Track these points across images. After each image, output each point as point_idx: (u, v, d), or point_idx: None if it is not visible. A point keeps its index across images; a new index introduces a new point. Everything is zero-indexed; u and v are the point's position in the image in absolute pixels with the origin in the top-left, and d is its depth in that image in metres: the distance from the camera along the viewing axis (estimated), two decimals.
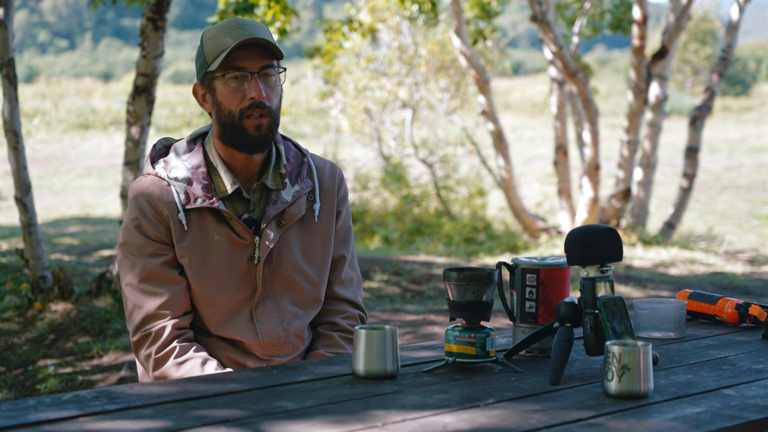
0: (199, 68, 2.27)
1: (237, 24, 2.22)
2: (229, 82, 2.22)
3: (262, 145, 2.25)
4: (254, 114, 2.22)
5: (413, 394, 1.80)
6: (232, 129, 2.24)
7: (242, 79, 2.21)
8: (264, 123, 2.23)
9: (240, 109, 2.22)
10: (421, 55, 13.78)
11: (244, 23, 2.22)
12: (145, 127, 6.06)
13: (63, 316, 5.76)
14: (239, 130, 2.23)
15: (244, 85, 2.21)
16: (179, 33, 64.18)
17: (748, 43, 46.90)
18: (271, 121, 2.24)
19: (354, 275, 2.45)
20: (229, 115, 2.23)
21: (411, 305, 6.68)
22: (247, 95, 2.21)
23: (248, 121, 2.22)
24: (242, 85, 2.21)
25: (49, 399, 1.71)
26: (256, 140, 2.23)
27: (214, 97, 2.25)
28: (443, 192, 13.54)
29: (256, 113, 2.22)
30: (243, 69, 2.21)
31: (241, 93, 2.21)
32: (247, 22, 2.23)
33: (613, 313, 1.96)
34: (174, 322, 2.22)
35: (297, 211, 2.31)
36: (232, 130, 2.24)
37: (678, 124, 21.34)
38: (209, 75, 2.24)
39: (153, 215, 2.24)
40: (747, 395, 1.82)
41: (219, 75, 2.22)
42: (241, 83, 2.21)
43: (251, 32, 2.20)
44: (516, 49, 47.55)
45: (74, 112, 24.28)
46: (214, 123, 2.29)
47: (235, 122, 2.23)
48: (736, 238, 12.48)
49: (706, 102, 10.73)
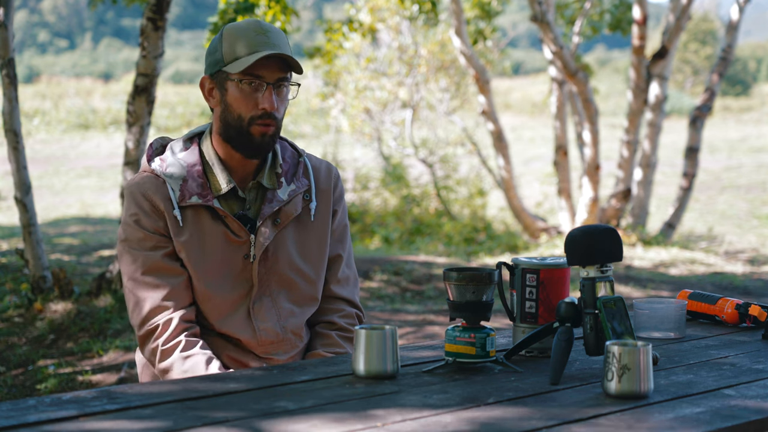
0: (212, 62, 2.27)
1: (261, 29, 2.23)
2: (243, 87, 2.22)
3: (263, 152, 2.28)
4: (262, 123, 2.23)
5: (413, 394, 1.80)
6: (237, 131, 2.25)
7: (257, 87, 2.22)
8: (270, 131, 2.25)
9: (250, 116, 2.23)
10: (421, 55, 13.77)
11: (268, 30, 2.23)
12: (145, 127, 6.06)
13: (63, 316, 5.75)
14: (245, 135, 2.24)
15: (257, 93, 2.22)
16: (179, 33, 64.18)
17: (748, 43, 46.91)
18: (275, 130, 2.26)
19: (351, 274, 2.46)
20: (238, 119, 2.24)
21: (411, 305, 6.68)
22: (260, 104, 2.22)
23: (255, 128, 2.24)
24: (256, 93, 2.22)
25: (49, 399, 1.71)
26: (259, 146, 2.26)
27: (223, 96, 2.26)
28: (443, 192, 13.54)
29: (264, 122, 2.23)
30: (261, 78, 2.22)
31: (253, 100, 2.23)
32: (271, 30, 2.24)
33: (613, 313, 1.96)
34: (180, 314, 2.23)
35: (293, 210, 2.32)
36: (238, 132, 2.25)
37: (678, 124, 21.34)
38: (223, 74, 2.24)
39: (150, 209, 2.25)
40: (747, 395, 1.82)
41: (235, 78, 2.22)
42: (255, 90, 2.22)
43: (275, 43, 2.21)
44: (516, 49, 47.54)
45: (74, 112, 24.28)
46: (216, 119, 2.30)
47: (242, 126, 2.24)
48: (736, 238, 12.48)
49: (706, 102, 10.73)
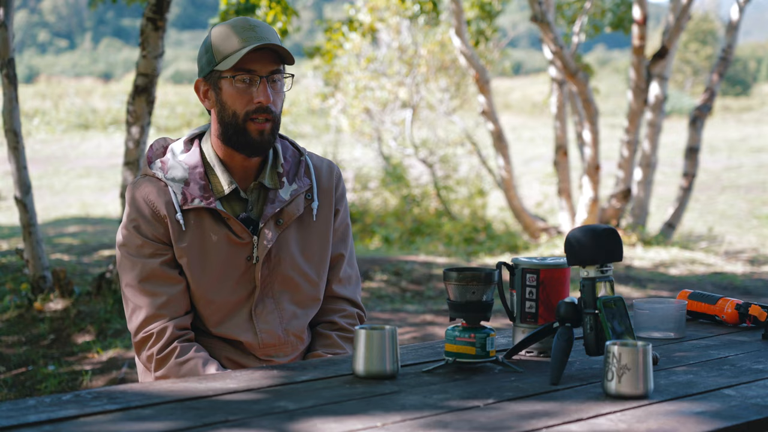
0: (204, 65, 2.27)
1: (248, 25, 2.22)
2: (237, 84, 2.22)
3: (263, 149, 2.26)
4: (259, 118, 2.22)
5: (413, 394, 1.80)
6: (234, 130, 2.24)
7: (251, 82, 2.22)
8: (267, 128, 2.24)
9: (245, 112, 2.22)
10: (421, 55, 13.77)
11: (255, 25, 2.23)
12: (145, 127, 6.06)
13: (63, 316, 5.75)
14: (241, 132, 2.23)
15: (251, 88, 2.22)
16: (179, 33, 64.18)
17: (748, 43, 46.92)
18: (273, 126, 2.25)
19: (353, 274, 2.45)
20: (233, 116, 2.23)
21: (411, 305, 6.68)
22: (254, 99, 2.21)
23: (252, 125, 2.23)
24: (250, 88, 2.22)
25: (49, 399, 1.71)
26: (258, 144, 2.24)
27: (218, 96, 2.25)
28: (443, 192, 13.54)
29: (261, 117, 2.22)
30: (253, 72, 2.21)
31: (248, 95, 2.22)
32: (259, 24, 2.23)
33: (613, 313, 1.96)
34: (175, 322, 2.23)
35: (295, 210, 2.31)
36: (234, 130, 2.24)
37: (678, 124, 21.34)
38: (216, 73, 2.24)
39: (151, 215, 2.24)
40: (747, 395, 1.82)
41: (227, 75, 2.22)
42: (249, 86, 2.22)
43: (264, 36, 2.21)
44: (516, 49, 47.54)
45: (74, 112, 24.28)
46: (214, 122, 2.29)
47: (238, 123, 2.23)
48: (736, 238, 12.48)
49: (706, 102, 10.73)
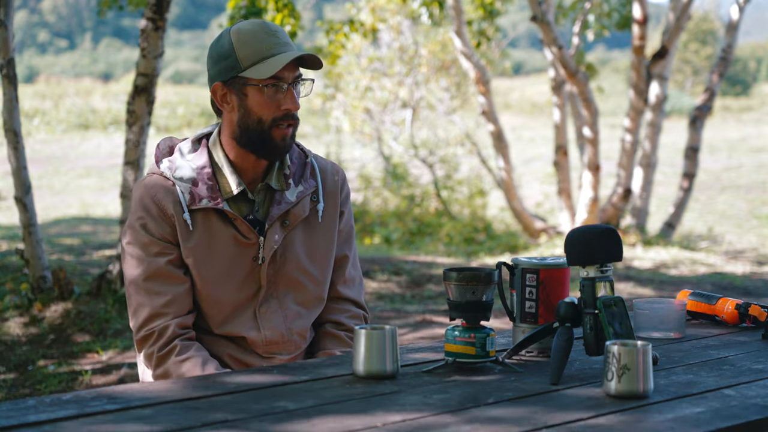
0: (225, 69, 2.24)
1: (270, 30, 2.23)
2: (266, 91, 2.22)
3: (284, 153, 2.28)
4: (284, 124, 2.24)
5: (413, 394, 1.80)
6: (258, 135, 2.24)
7: (277, 88, 2.22)
8: (290, 133, 2.26)
9: (272, 118, 2.23)
10: (422, 55, 13.77)
11: (276, 30, 2.24)
12: (145, 127, 6.06)
13: (63, 316, 5.75)
14: (267, 138, 2.24)
15: (278, 94, 2.23)
16: (179, 33, 64.19)
17: (748, 43, 46.90)
18: (294, 131, 2.27)
19: (357, 275, 2.47)
20: (259, 122, 2.23)
21: (411, 305, 6.67)
22: (282, 105, 2.22)
23: (277, 131, 2.24)
24: (276, 95, 2.22)
25: (49, 399, 1.71)
26: (281, 149, 2.26)
27: (242, 101, 2.24)
28: (443, 192, 13.54)
29: (285, 123, 2.24)
30: (282, 79, 2.22)
31: (276, 102, 2.23)
32: (278, 29, 2.25)
33: (613, 313, 1.96)
34: (177, 321, 2.23)
35: (301, 212, 2.32)
36: (259, 136, 2.24)
37: (678, 124, 21.33)
38: (241, 80, 2.23)
39: (158, 214, 2.24)
40: (747, 395, 1.82)
41: (256, 83, 2.21)
42: (276, 92, 2.22)
43: (285, 42, 2.23)
44: (516, 49, 47.54)
45: (74, 112, 24.28)
46: (229, 125, 2.28)
47: (263, 129, 2.24)
48: (736, 238, 12.48)
49: (706, 102, 10.73)
